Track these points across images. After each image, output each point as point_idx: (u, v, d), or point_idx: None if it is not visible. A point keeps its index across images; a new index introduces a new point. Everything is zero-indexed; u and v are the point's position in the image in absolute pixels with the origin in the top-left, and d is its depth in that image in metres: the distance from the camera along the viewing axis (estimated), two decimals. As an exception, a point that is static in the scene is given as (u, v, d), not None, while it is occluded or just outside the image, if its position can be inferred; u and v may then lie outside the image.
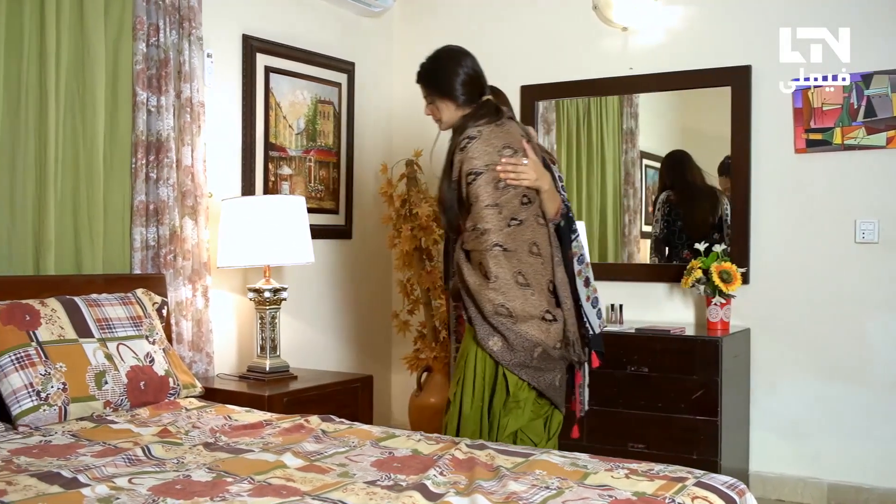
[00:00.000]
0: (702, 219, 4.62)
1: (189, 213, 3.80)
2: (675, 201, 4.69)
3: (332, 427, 2.83)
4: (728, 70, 4.30)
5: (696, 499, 2.07)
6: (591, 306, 3.12)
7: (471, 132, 2.89)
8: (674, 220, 4.68)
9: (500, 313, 2.81)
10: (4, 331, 2.86)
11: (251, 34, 4.32)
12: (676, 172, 4.69)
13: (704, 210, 4.62)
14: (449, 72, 3.04)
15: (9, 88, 3.24)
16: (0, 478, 2.16)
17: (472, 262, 2.88)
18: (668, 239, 4.67)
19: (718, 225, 4.53)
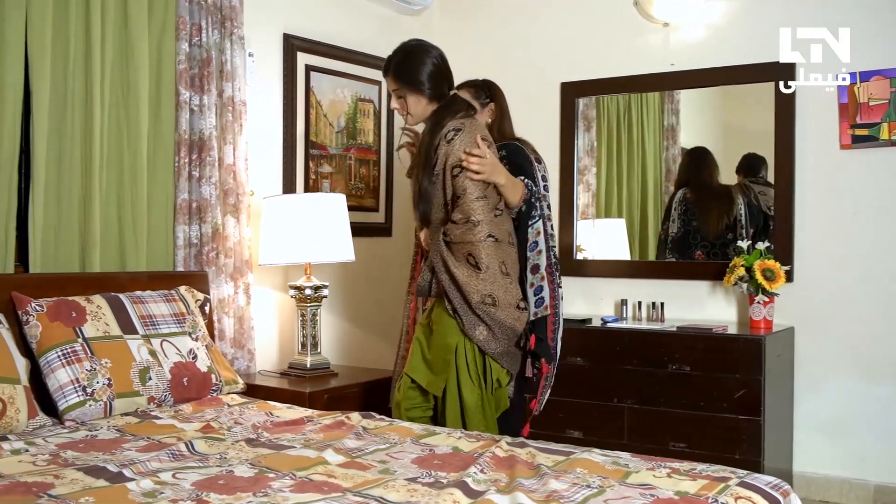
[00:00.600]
0: (717, 218, 4.58)
1: (231, 211, 3.83)
2: (692, 200, 4.65)
3: (372, 424, 2.84)
4: (772, 65, 4.24)
5: (739, 499, 2.05)
6: (533, 293, 3.17)
7: (455, 124, 2.98)
8: (689, 219, 4.64)
9: (485, 302, 2.94)
10: (51, 327, 2.91)
11: (292, 33, 4.35)
12: (693, 170, 4.66)
13: (720, 210, 4.57)
14: (422, 66, 3.07)
15: (55, 89, 3.29)
16: (48, 471, 2.19)
17: (457, 254, 2.96)
18: (684, 238, 4.63)
19: (733, 225, 4.48)
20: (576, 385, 4.19)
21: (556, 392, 4.20)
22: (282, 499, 1.97)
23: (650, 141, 4.79)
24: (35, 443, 2.50)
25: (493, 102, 3.49)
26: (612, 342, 4.15)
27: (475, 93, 3.46)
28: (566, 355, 4.19)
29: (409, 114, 3.10)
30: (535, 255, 3.18)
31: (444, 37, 5.30)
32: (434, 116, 3.05)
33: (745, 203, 4.45)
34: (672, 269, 4.60)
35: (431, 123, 3.04)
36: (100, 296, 3.13)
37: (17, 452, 2.39)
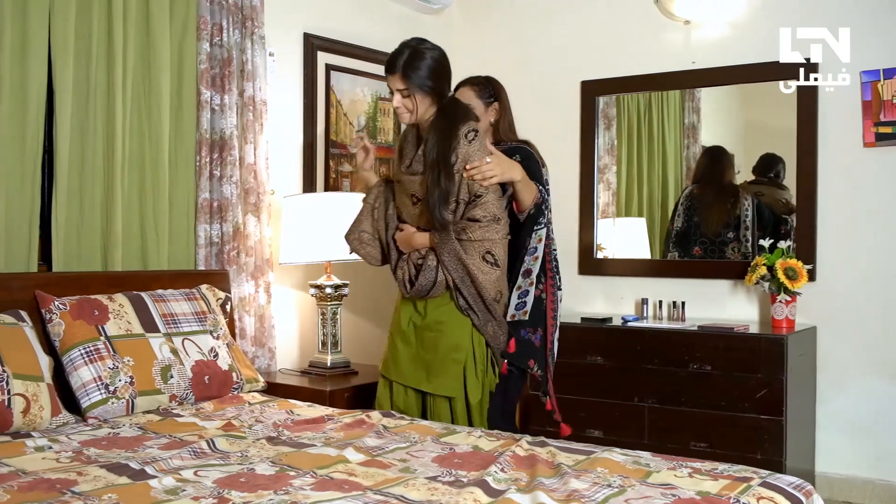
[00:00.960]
0: (717, 216, 4.56)
1: (252, 210, 3.85)
2: (697, 196, 4.65)
3: (393, 423, 2.84)
4: (794, 63, 4.21)
5: (761, 499, 2.04)
6: (516, 296, 3.16)
7: (474, 125, 3.01)
8: (691, 215, 4.62)
9: (496, 299, 3.05)
10: (74, 325, 2.94)
11: (312, 33, 4.36)
12: (707, 168, 4.64)
13: (722, 207, 4.56)
14: (430, 65, 3.05)
15: (78, 89, 3.31)
16: (71, 468, 2.21)
17: (471, 252, 2.98)
18: (685, 233, 4.62)
19: (736, 223, 4.46)
20: (596, 384, 4.18)
21: (576, 391, 4.22)
22: (303, 497, 1.97)
23: (671, 139, 4.76)
24: (58, 440, 2.52)
25: (496, 102, 3.39)
26: (633, 341, 4.13)
27: (479, 91, 3.39)
28: (586, 354, 4.19)
29: (412, 112, 3.06)
30: (531, 259, 3.16)
31: (463, 35, 5.31)
32: (444, 118, 3.02)
33: (752, 203, 4.42)
34: (693, 268, 4.58)
35: (444, 125, 3.01)
36: (122, 294, 3.15)
37: (41, 449, 2.41)
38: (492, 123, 3.38)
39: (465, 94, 3.38)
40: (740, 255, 4.44)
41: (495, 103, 3.39)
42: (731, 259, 4.47)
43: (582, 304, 4.84)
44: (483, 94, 3.39)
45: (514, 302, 3.15)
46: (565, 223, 4.83)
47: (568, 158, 4.89)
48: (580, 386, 4.23)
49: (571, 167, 4.89)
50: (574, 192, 4.88)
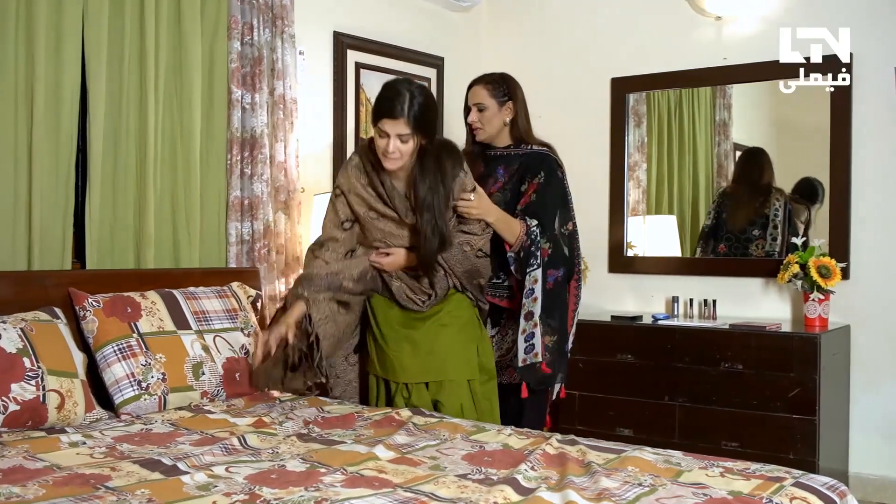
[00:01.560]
0: (745, 214, 4.55)
1: (282, 208, 3.87)
2: (729, 194, 4.64)
3: (422, 420, 2.84)
4: (827, 59, 4.16)
5: (794, 499, 2.01)
6: (523, 340, 3.19)
7: (464, 167, 3.10)
8: (721, 211, 4.60)
9: (488, 281, 3.30)
10: (107, 322, 2.97)
11: (342, 31, 4.37)
12: (742, 168, 4.60)
13: (751, 206, 4.54)
14: (436, 114, 3.05)
15: (111, 89, 3.35)
16: (104, 464, 2.23)
17: (471, 257, 3.17)
18: (714, 230, 4.59)
19: (763, 222, 4.44)
20: (626, 383, 4.17)
21: (606, 389, 4.20)
22: (333, 493, 1.98)
23: (701, 136, 4.73)
24: (92, 435, 2.54)
25: (511, 100, 3.35)
26: (664, 340, 4.11)
27: (492, 90, 3.34)
28: (616, 353, 4.18)
29: (401, 157, 2.95)
30: (530, 302, 3.18)
31: (492, 33, 5.30)
32: (437, 162, 3.00)
33: (783, 204, 4.38)
34: (724, 266, 4.54)
35: (437, 169, 3.00)
36: (154, 291, 3.18)
37: (75, 445, 2.44)
38: (506, 123, 3.36)
39: (478, 93, 3.36)
40: (764, 252, 4.41)
41: (510, 102, 3.35)
42: (755, 257, 4.43)
43: (612, 302, 4.81)
44: (497, 92, 3.35)
45: (522, 346, 3.18)
46: (595, 221, 4.82)
47: (598, 156, 4.87)
48: (610, 384, 4.21)
49: (601, 165, 4.87)
50: (604, 189, 4.86)
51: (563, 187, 3.34)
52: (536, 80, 5.10)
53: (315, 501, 1.91)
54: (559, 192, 3.31)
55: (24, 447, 2.38)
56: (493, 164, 3.39)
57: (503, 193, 3.32)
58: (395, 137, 2.89)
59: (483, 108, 3.34)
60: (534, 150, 3.34)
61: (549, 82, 5.03)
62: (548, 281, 3.22)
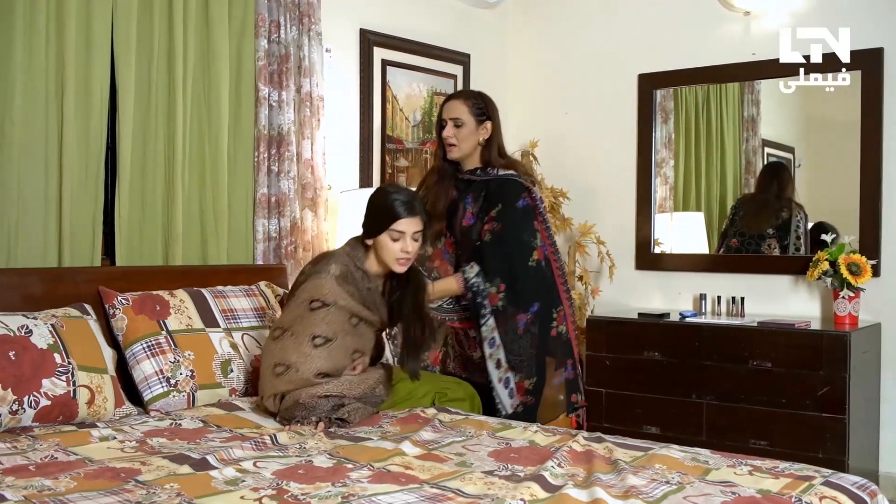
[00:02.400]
0: (763, 218, 4.57)
1: (309, 205, 3.88)
2: (749, 199, 4.64)
3: (448, 417, 2.85)
4: (858, 53, 4.11)
5: (824, 499, 2.00)
6: (502, 387, 3.19)
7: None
8: (738, 210, 4.63)
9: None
10: (137, 320, 3.00)
11: (368, 28, 4.38)
12: (761, 180, 4.61)
13: (770, 212, 4.56)
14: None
15: (140, 88, 3.38)
16: (135, 458, 2.26)
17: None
18: (728, 229, 4.63)
19: (783, 227, 4.48)
20: (653, 380, 4.15)
21: (633, 387, 4.19)
22: (360, 489, 1.99)
23: (729, 133, 4.69)
24: (123, 430, 2.57)
25: (489, 121, 3.31)
26: (691, 337, 4.08)
27: (471, 106, 3.30)
28: (643, 350, 4.16)
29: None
30: (495, 349, 3.19)
31: (518, 30, 5.29)
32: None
33: (803, 220, 4.40)
34: (752, 264, 4.51)
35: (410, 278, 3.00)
36: (183, 290, 3.21)
37: (106, 439, 2.47)
38: (481, 143, 3.32)
39: (456, 107, 3.30)
40: (778, 251, 4.39)
41: (487, 122, 3.32)
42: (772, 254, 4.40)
43: (639, 300, 4.80)
44: (475, 109, 3.31)
45: (505, 393, 3.19)
46: (622, 218, 4.81)
47: (625, 152, 4.85)
48: (637, 382, 4.20)
49: (629, 161, 4.85)
50: (631, 186, 4.84)
51: (523, 219, 3.25)
52: (563, 77, 5.11)
53: (342, 497, 1.92)
54: (518, 225, 3.24)
55: (56, 441, 2.41)
56: (463, 190, 3.35)
57: (475, 226, 3.28)
58: (415, 237, 2.89)
59: (460, 124, 3.29)
60: (499, 176, 3.29)
61: (576, 79, 5.01)
62: (518, 327, 3.20)
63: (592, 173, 4.92)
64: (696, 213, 4.79)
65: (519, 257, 3.23)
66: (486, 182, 3.30)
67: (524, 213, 3.26)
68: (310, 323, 2.80)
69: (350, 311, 2.87)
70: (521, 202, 3.26)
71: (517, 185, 3.28)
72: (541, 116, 5.13)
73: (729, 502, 1.94)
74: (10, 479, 2.02)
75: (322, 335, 2.80)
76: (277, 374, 2.78)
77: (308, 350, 2.78)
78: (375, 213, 2.91)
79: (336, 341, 2.83)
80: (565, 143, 4.99)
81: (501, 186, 3.27)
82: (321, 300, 2.82)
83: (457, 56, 4.92)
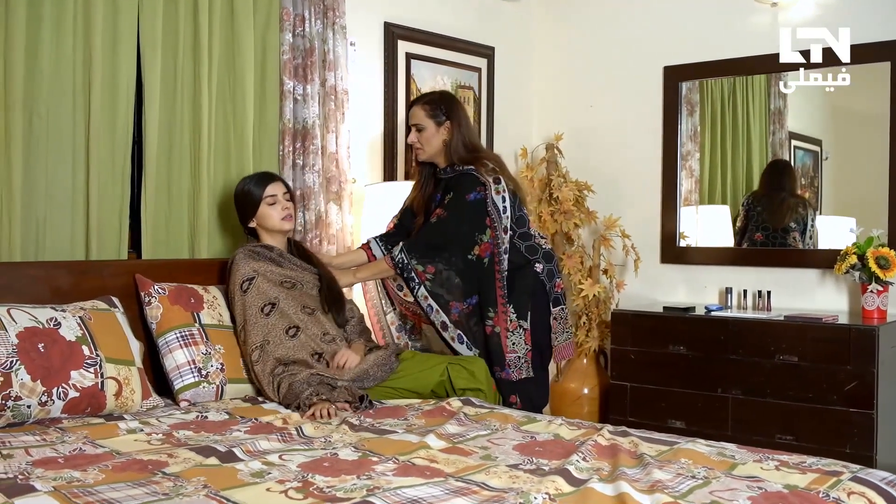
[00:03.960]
0: (780, 218, 4.53)
1: (333, 198, 3.89)
2: (761, 197, 4.59)
3: (473, 410, 2.85)
4: (887, 44, 4.06)
5: (852, 494, 1.98)
6: (458, 343, 3.47)
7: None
8: (753, 205, 4.58)
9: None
10: (172, 310, 3.04)
11: (392, 21, 4.38)
12: (769, 179, 4.58)
13: (786, 207, 4.54)
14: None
15: (165, 82, 3.40)
16: (162, 450, 2.28)
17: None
18: (745, 225, 4.59)
19: (801, 230, 4.43)
20: (678, 374, 4.13)
21: (658, 381, 4.17)
22: (385, 482, 1.99)
23: (755, 125, 4.65)
24: (149, 422, 2.60)
25: (448, 120, 3.46)
26: (717, 331, 4.06)
27: (429, 110, 3.48)
28: (668, 344, 4.14)
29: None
30: (434, 314, 3.40)
31: (543, 22, 5.27)
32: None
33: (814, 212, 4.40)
34: (778, 257, 4.47)
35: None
36: (216, 287, 3.27)
37: (133, 432, 2.49)
38: (445, 143, 3.46)
39: (416, 113, 3.51)
40: (802, 242, 4.35)
41: (447, 122, 3.47)
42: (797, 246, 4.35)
43: (664, 294, 4.77)
44: (434, 112, 3.48)
45: (464, 349, 3.44)
46: (647, 211, 4.78)
47: (650, 145, 4.82)
48: (662, 376, 4.18)
49: (654, 154, 4.82)
50: (656, 179, 4.81)
51: (470, 211, 3.37)
52: (588, 69, 5.08)
53: (367, 490, 1.93)
54: (461, 216, 3.37)
55: (84, 433, 2.44)
56: (437, 187, 3.54)
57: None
58: (282, 196, 3.31)
59: (421, 129, 3.49)
60: (459, 172, 3.44)
61: (601, 71, 4.99)
62: (452, 313, 3.39)
63: (617, 166, 4.90)
64: (721, 206, 4.76)
65: (458, 247, 3.38)
66: (449, 178, 3.47)
67: (473, 206, 3.38)
68: (252, 302, 3.09)
69: (276, 276, 3.18)
70: (472, 195, 3.38)
71: (471, 179, 3.40)
72: (565, 109, 5.11)
73: (756, 497, 1.93)
74: (40, 470, 2.05)
75: (266, 303, 3.11)
76: (256, 360, 3.02)
77: (264, 321, 3.07)
78: (245, 198, 3.30)
79: (281, 302, 3.12)
80: (590, 136, 4.97)
81: (457, 180, 3.43)
82: (245, 278, 3.14)
83: (481, 49, 4.90)
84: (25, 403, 2.51)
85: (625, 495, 1.91)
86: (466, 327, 3.43)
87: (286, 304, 3.13)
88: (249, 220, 3.30)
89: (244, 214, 3.31)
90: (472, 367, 3.20)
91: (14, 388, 2.48)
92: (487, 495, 1.91)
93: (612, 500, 1.91)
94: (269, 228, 3.29)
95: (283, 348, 3.03)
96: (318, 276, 3.32)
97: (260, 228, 3.31)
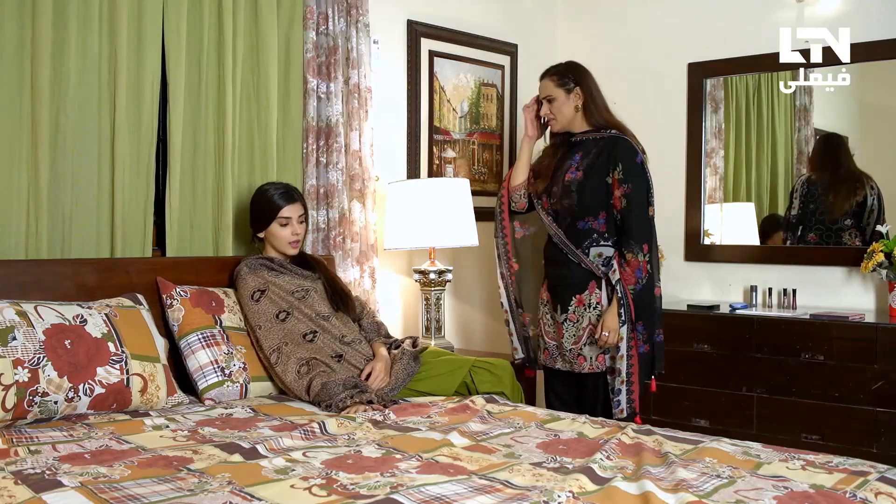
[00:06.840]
0: (836, 203, 4.38)
1: (357, 196, 3.90)
2: (815, 182, 4.48)
3: (496, 408, 2.85)
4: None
5: (880, 494, 1.96)
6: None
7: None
8: (808, 201, 4.46)
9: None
10: (194, 312, 3.06)
11: (415, 19, 4.38)
12: (822, 156, 4.46)
13: (842, 195, 4.37)
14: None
15: (190, 81, 3.41)
16: (187, 446, 2.29)
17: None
18: (801, 220, 4.46)
19: (858, 212, 4.28)
20: (702, 373, 4.11)
21: (682, 379, 4.15)
22: (408, 479, 1.99)
23: (780, 122, 4.62)
24: (175, 419, 2.61)
25: (577, 86, 3.45)
26: (741, 329, 4.04)
27: (558, 80, 3.47)
28: (692, 342, 4.12)
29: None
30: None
31: (566, 19, 5.26)
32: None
33: (877, 190, 4.23)
34: (804, 255, 4.43)
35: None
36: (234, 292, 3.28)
37: (159, 428, 2.50)
38: (578, 109, 3.45)
39: (545, 86, 3.48)
40: (859, 241, 4.26)
41: (576, 88, 3.45)
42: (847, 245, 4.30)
43: (688, 291, 4.74)
44: (562, 81, 3.46)
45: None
46: (671, 208, 4.75)
47: (674, 142, 4.80)
48: (686, 374, 4.16)
49: (678, 151, 4.79)
50: (681, 176, 4.78)
51: (643, 174, 3.35)
52: (612, 66, 5.05)
53: (391, 487, 1.93)
54: (642, 183, 3.34)
55: (110, 429, 2.46)
56: (573, 149, 3.47)
57: (574, 174, 3.39)
58: (296, 220, 3.30)
59: (552, 100, 3.47)
60: (609, 135, 3.40)
61: (625, 68, 4.96)
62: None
63: (641, 163, 4.87)
64: (746, 203, 4.72)
65: (648, 213, 3.36)
66: (597, 140, 3.42)
67: (643, 169, 3.36)
68: (265, 310, 3.12)
69: (288, 287, 3.19)
70: (638, 157, 3.36)
71: (627, 143, 3.38)
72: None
73: (781, 497, 1.91)
74: (67, 466, 2.07)
75: (281, 311, 3.13)
76: (275, 362, 3.03)
77: (280, 326, 3.09)
78: (261, 209, 3.30)
79: (295, 311, 3.13)
80: (613, 134, 4.93)
81: (613, 145, 3.37)
82: (256, 290, 3.16)
83: (504, 46, 4.89)
84: (52, 399, 2.53)
85: (649, 494, 1.89)
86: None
87: (300, 314, 3.15)
88: (260, 229, 3.33)
89: (257, 222, 3.34)
90: (498, 371, 3.19)
91: (41, 385, 2.51)
92: (511, 493, 1.91)
93: (636, 498, 1.90)
94: (275, 246, 3.32)
95: (302, 349, 3.04)
96: (321, 281, 3.32)
97: (266, 241, 3.34)
